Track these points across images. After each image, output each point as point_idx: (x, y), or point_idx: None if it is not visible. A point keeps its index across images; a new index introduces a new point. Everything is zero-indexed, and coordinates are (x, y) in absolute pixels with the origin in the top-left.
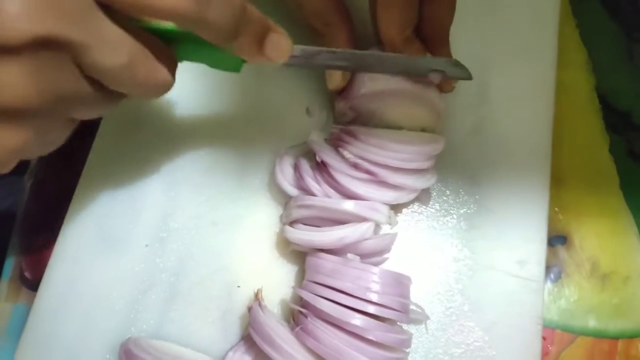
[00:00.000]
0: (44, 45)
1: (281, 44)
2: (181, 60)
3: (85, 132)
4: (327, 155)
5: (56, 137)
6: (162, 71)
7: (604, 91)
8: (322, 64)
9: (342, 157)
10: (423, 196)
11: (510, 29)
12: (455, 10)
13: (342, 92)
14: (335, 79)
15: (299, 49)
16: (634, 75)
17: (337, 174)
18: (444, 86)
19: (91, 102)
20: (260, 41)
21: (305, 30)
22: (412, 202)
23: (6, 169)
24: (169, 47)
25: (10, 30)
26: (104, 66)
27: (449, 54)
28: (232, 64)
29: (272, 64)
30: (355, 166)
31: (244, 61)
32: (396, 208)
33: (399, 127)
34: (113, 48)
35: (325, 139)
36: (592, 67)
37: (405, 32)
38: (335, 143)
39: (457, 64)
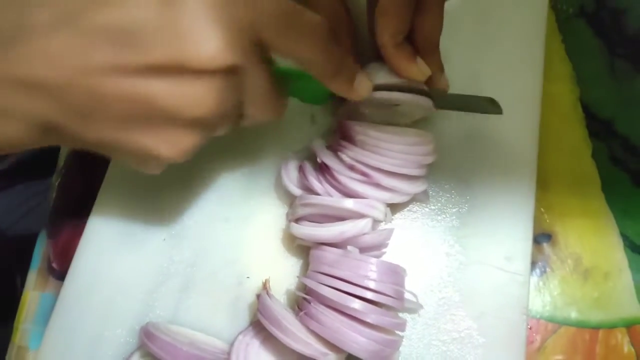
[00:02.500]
0: (231, 72)
1: (367, 83)
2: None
3: None
4: (328, 158)
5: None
6: (283, 102)
7: (588, 101)
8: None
9: (341, 160)
10: (421, 196)
11: (500, 43)
12: (450, 25)
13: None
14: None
15: None
16: (616, 87)
17: (338, 174)
18: (437, 86)
19: (230, 123)
20: (352, 79)
21: None
22: (409, 201)
23: (158, 170)
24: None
25: (211, 58)
26: (255, 91)
27: (438, 61)
28: (322, 98)
29: (355, 98)
30: (352, 168)
31: (331, 96)
32: (394, 207)
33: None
34: (263, 79)
35: (327, 146)
36: (577, 79)
37: (397, 38)
38: (335, 148)
39: None
